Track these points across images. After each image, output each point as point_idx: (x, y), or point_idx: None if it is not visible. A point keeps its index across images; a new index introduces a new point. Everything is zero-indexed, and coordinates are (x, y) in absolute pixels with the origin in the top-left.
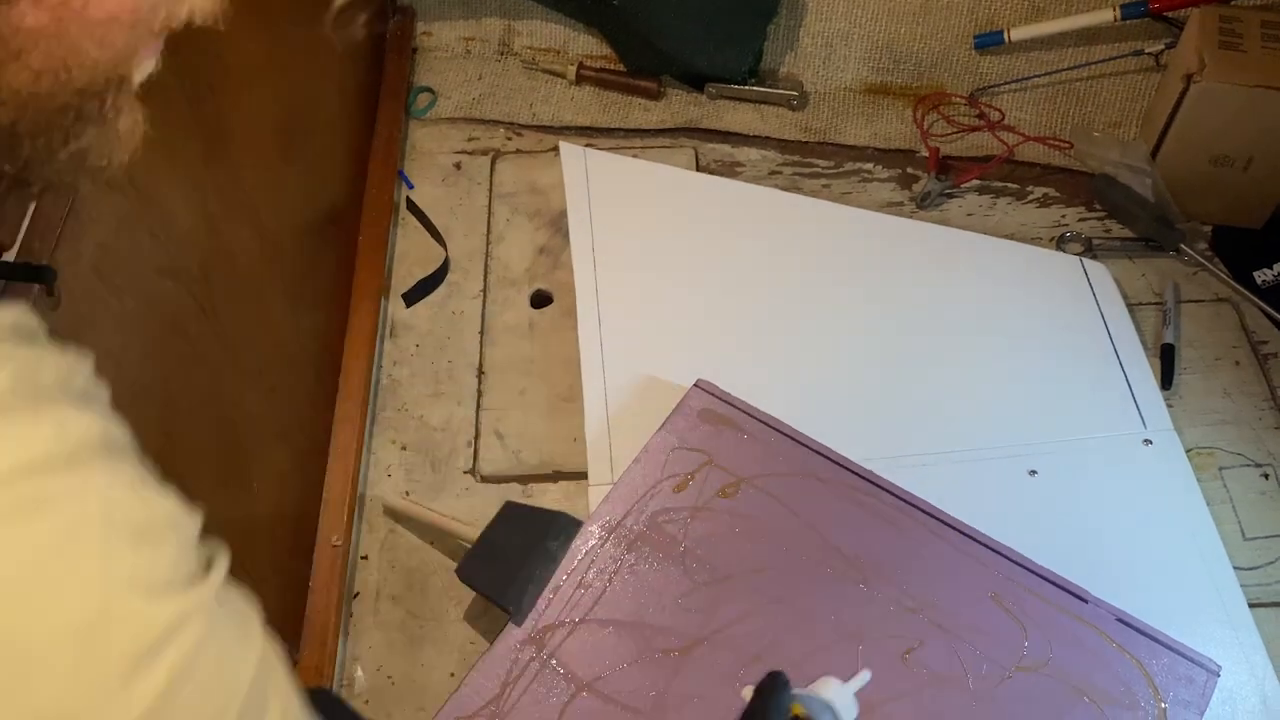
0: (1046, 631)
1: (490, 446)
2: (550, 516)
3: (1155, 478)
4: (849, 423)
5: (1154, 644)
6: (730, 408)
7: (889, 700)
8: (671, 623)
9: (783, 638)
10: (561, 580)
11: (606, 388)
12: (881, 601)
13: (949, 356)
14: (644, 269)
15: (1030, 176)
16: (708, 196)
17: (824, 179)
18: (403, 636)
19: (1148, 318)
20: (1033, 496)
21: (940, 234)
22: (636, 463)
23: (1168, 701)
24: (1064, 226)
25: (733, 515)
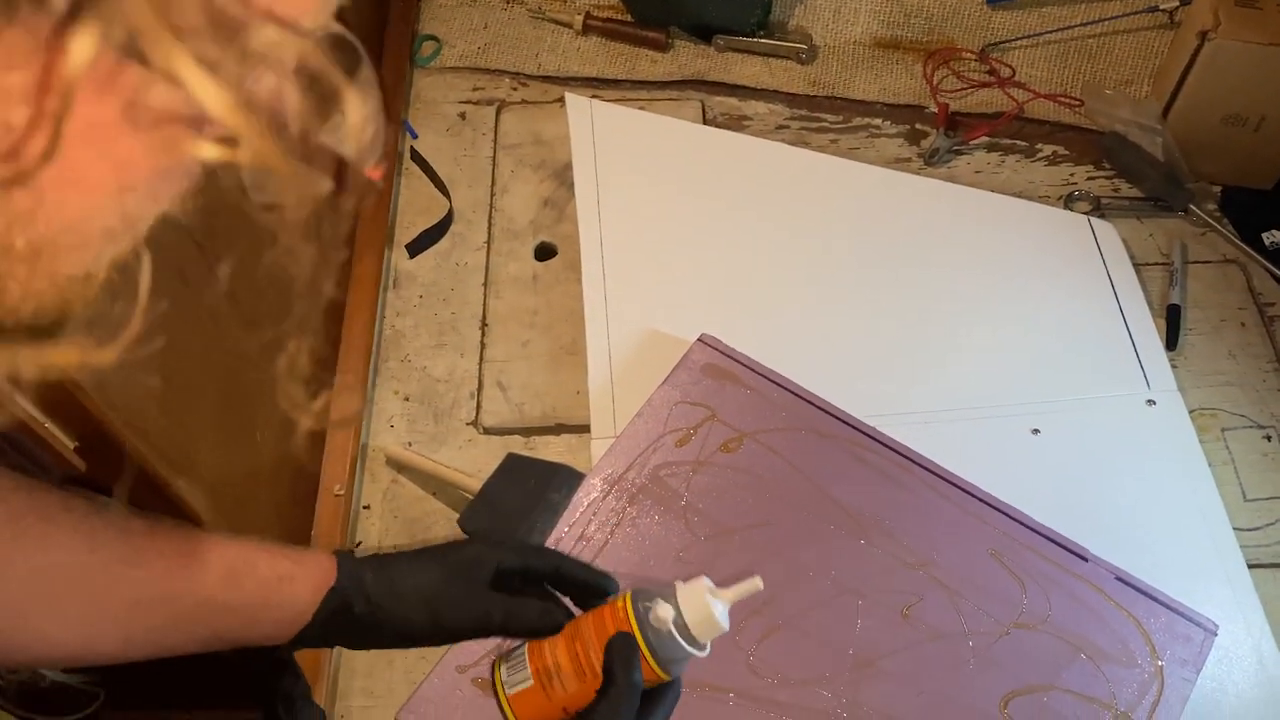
0: (1045, 589)
1: (493, 398)
2: (553, 468)
3: (1158, 438)
4: (852, 379)
5: (1152, 603)
6: (734, 362)
7: (887, 655)
8: (672, 576)
9: (782, 592)
10: (563, 532)
11: (610, 341)
12: (881, 557)
13: (953, 314)
14: (649, 222)
15: (1039, 134)
16: (714, 150)
17: (832, 134)
18: None
19: (1154, 278)
20: (1035, 455)
21: (948, 191)
22: (639, 416)
23: (1165, 659)
24: (1072, 185)
25: (734, 470)
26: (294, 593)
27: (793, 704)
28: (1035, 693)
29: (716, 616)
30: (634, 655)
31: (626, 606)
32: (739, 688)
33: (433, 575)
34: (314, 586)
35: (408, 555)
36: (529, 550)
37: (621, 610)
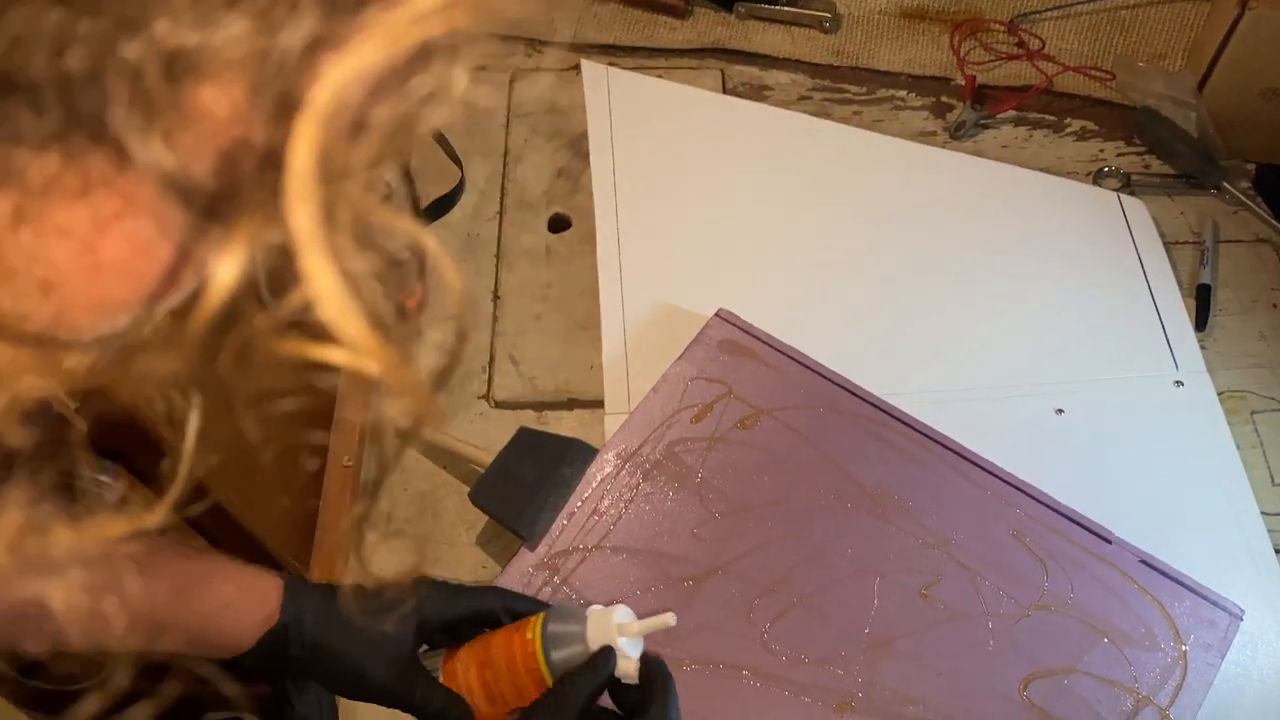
0: (1068, 571)
1: (505, 372)
2: (565, 443)
3: (1185, 420)
4: (872, 356)
5: (1177, 586)
6: (751, 338)
7: (905, 635)
8: (686, 552)
9: (798, 570)
10: (576, 507)
11: (625, 315)
12: (900, 536)
13: (978, 291)
14: (666, 194)
15: (1069, 108)
16: (734, 121)
17: (855, 105)
18: (414, 560)
19: (1184, 257)
20: (1059, 435)
21: (974, 165)
22: (654, 392)
23: (1189, 644)
24: (1102, 161)
25: (751, 447)
26: (235, 624)
27: (808, 682)
28: (1056, 675)
29: (622, 649)
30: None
31: (536, 640)
32: (753, 665)
33: (369, 638)
34: (256, 622)
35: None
36: (469, 596)
37: (531, 644)
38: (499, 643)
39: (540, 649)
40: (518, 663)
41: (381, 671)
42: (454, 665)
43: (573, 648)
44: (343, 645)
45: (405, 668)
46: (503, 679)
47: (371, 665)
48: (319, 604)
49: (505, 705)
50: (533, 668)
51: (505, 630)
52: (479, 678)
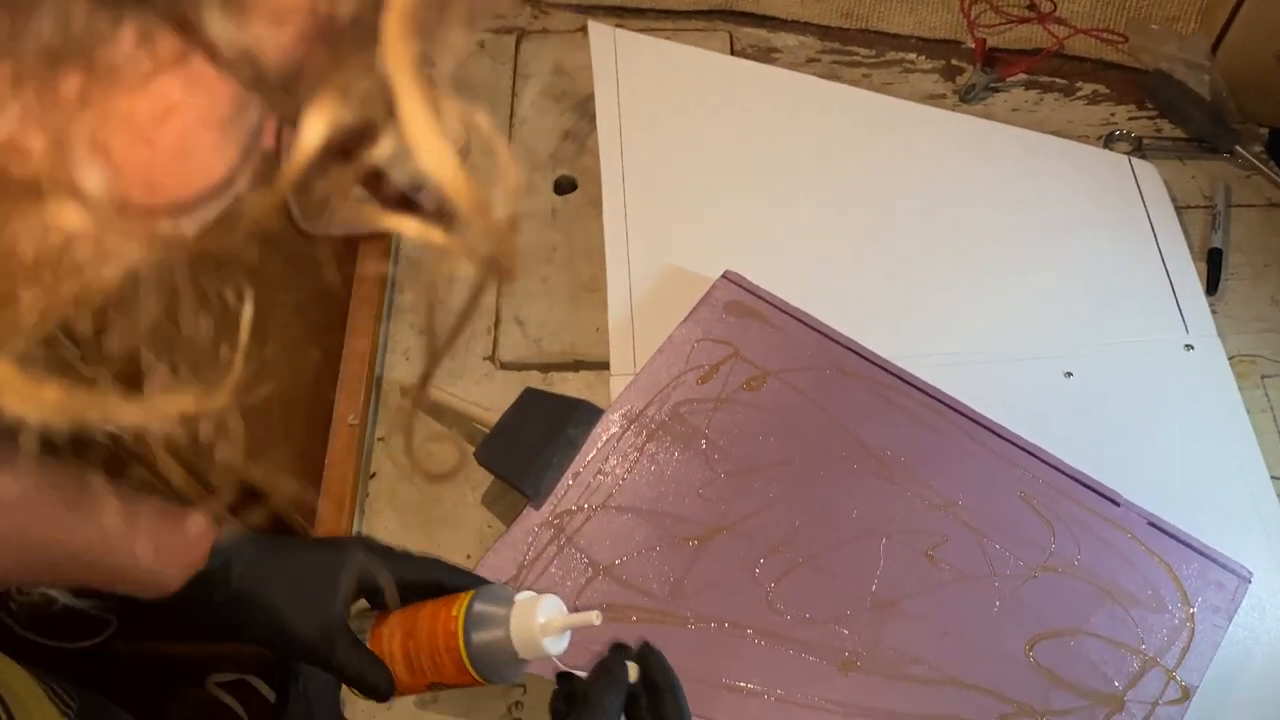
0: (1075, 533)
1: (510, 333)
2: (571, 403)
3: (1195, 383)
4: (880, 319)
5: (1185, 549)
6: (758, 300)
7: (910, 596)
8: (691, 512)
9: (803, 530)
10: (581, 467)
11: (631, 277)
12: (907, 498)
13: (987, 254)
14: (673, 156)
15: (1080, 72)
16: (742, 83)
17: (864, 68)
18: (419, 518)
19: (1196, 221)
20: (1067, 399)
21: (983, 128)
22: (660, 353)
23: (1196, 606)
24: (1113, 125)
25: (757, 408)
26: (163, 566)
27: (812, 641)
28: (1062, 636)
29: (541, 643)
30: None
31: (459, 618)
32: (758, 624)
33: (296, 591)
34: (184, 565)
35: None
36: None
37: (454, 621)
38: (426, 614)
39: (461, 628)
40: (439, 638)
41: (305, 627)
42: (381, 630)
43: (493, 632)
44: (269, 596)
45: (330, 626)
46: (424, 652)
47: (296, 619)
48: (251, 553)
49: (424, 678)
50: (452, 646)
51: (435, 603)
52: (402, 647)
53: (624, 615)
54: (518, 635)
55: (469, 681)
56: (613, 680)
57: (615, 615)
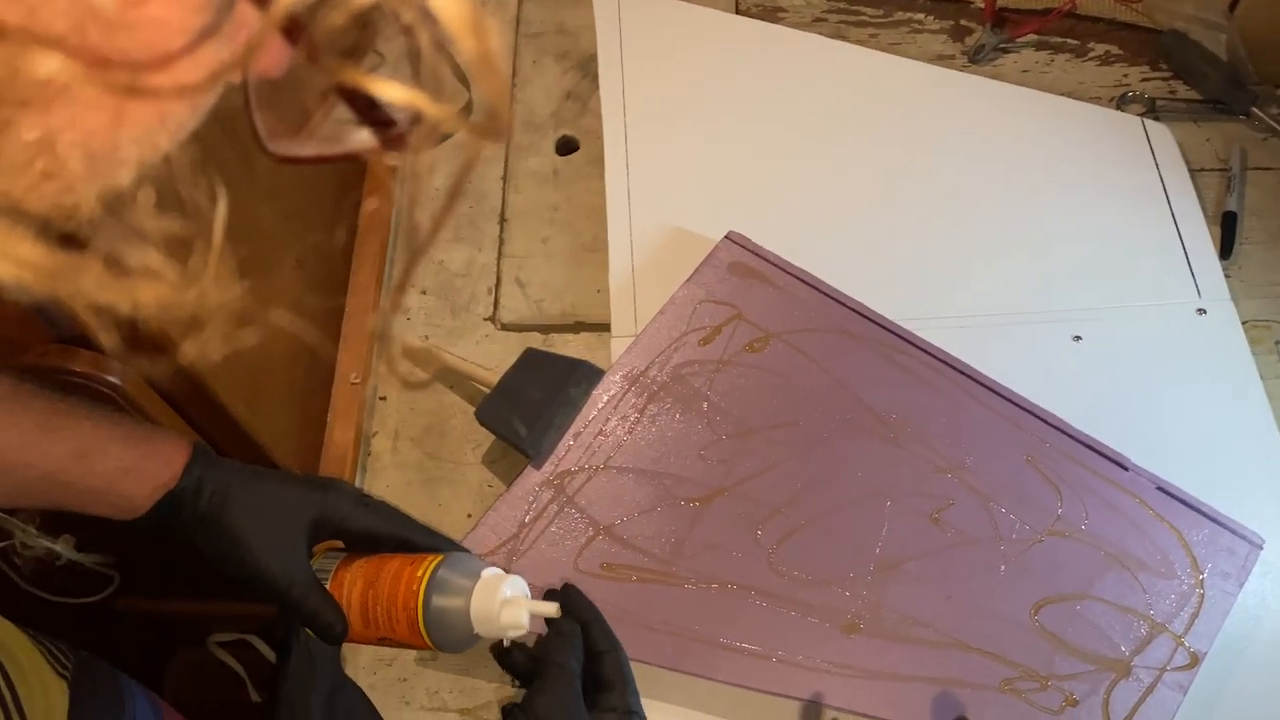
0: (1082, 497)
1: (511, 294)
2: (571, 364)
3: (1207, 348)
4: (887, 281)
5: (1195, 514)
6: (762, 261)
7: (914, 559)
8: (692, 473)
9: (806, 492)
10: (582, 428)
11: (633, 238)
12: (912, 461)
13: (996, 216)
14: (676, 116)
15: (1092, 32)
16: (747, 42)
17: (871, 28)
18: (420, 476)
19: (1210, 184)
20: (1076, 362)
21: (993, 89)
22: (662, 314)
23: (1206, 572)
24: (1125, 86)
25: (760, 370)
26: (134, 487)
27: (815, 603)
28: (1068, 601)
29: (499, 621)
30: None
31: (423, 579)
32: (760, 586)
33: (262, 520)
34: (155, 486)
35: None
36: (379, 515)
37: (417, 581)
38: (391, 569)
39: (423, 589)
40: (399, 596)
41: (266, 556)
42: (344, 575)
43: (453, 600)
44: (234, 521)
45: (291, 560)
46: (381, 605)
47: (258, 548)
48: (223, 476)
49: (376, 631)
50: (410, 606)
51: (402, 559)
52: (361, 595)
53: (624, 575)
54: (477, 609)
55: (420, 644)
56: (567, 639)
57: (615, 575)
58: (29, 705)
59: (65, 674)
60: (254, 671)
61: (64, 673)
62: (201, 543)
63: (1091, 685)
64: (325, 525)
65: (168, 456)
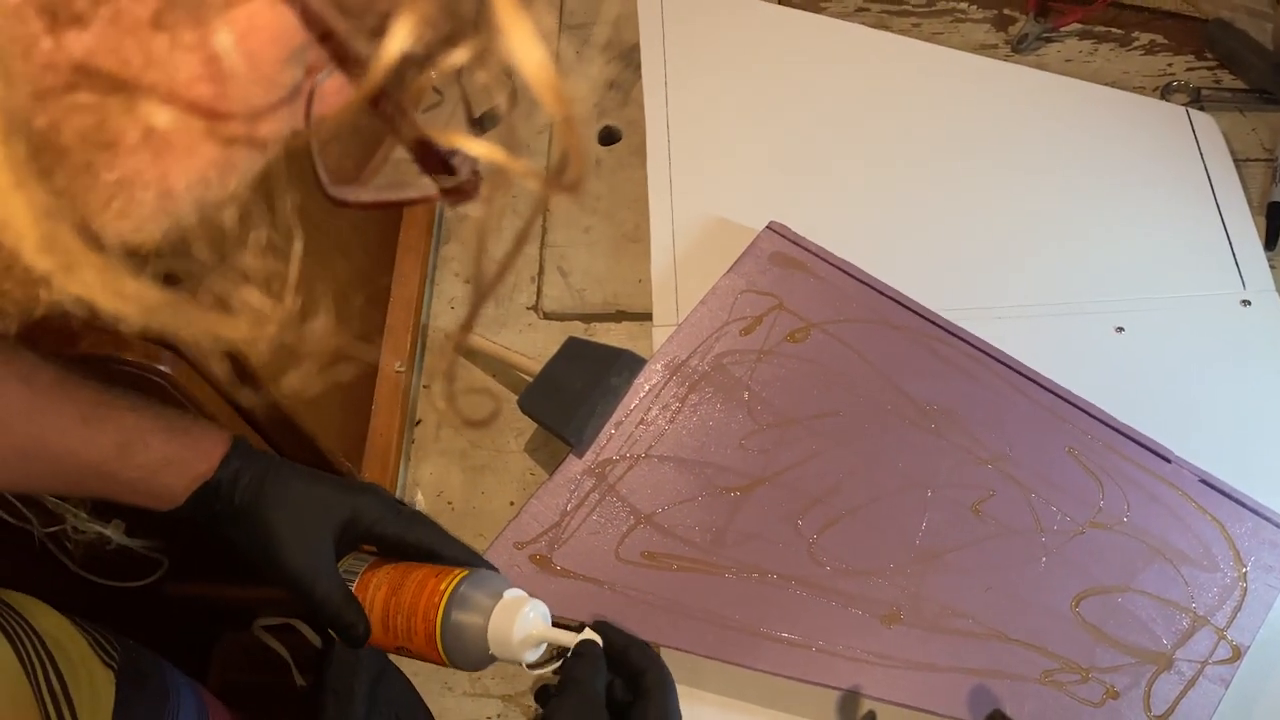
0: (1125, 489)
1: (554, 284)
2: (613, 353)
3: (1252, 339)
4: (928, 272)
5: (1238, 507)
6: (803, 251)
7: (955, 549)
8: (733, 462)
9: (847, 482)
10: (623, 416)
11: (674, 228)
12: (952, 451)
13: (1038, 207)
14: (719, 107)
15: (1136, 21)
16: (789, 32)
17: (914, 18)
18: (463, 464)
19: (1255, 174)
20: (1119, 354)
21: (1036, 79)
22: (703, 304)
23: (1249, 565)
24: (1170, 76)
25: (801, 360)
26: (174, 478)
27: (855, 593)
28: (1109, 593)
29: (514, 644)
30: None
31: (446, 592)
32: (800, 575)
33: (293, 516)
34: (193, 477)
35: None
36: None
37: (439, 594)
38: (417, 578)
39: (444, 602)
40: (420, 606)
41: (294, 551)
42: (370, 578)
43: (473, 617)
44: (266, 514)
45: (317, 558)
46: (402, 613)
47: (286, 542)
48: (260, 470)
49: (395, 639)
50: (430, 617)
51: (429, 569)
52: (384, 601)
53: (665, 564)
54: (495, 629)
55: (435, 657)
56: (590, 659)
57: (656, 564)
58: (77, 696)
59: (112, 664)
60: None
61: (111, 663)
62: (234, 534)
63: (1133, 678)
64: (355, 527)
65: (208, 449)
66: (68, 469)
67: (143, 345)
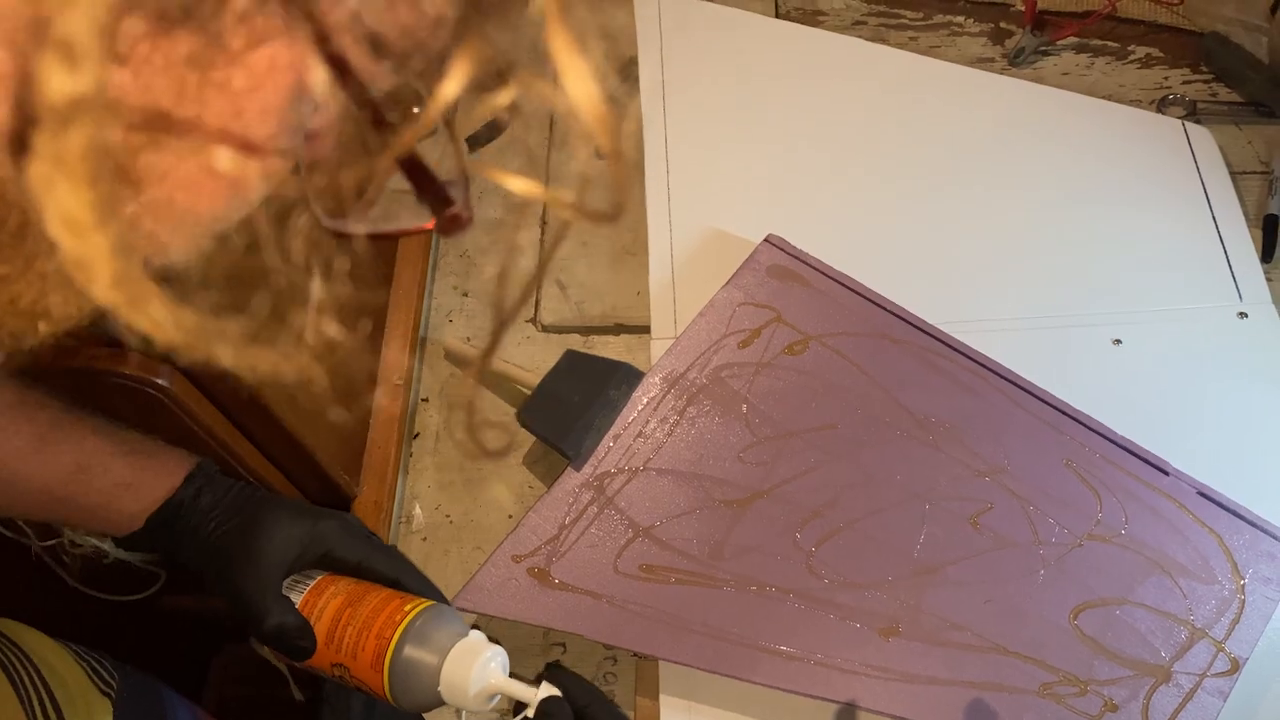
0: (1122, 501)
1: (552, 296)
2: (612, 365)
3: (1248, 351)
4: (926, 285)
5: (1236, 519)
6: (801, 264)
7: (953, 562)
8: (731, 475)
9: (845, 495)
10: (621, 429)
11: (673, 241)
12: (951, 464)
13: (1035, 220)
14: (716, 120)
15: (1133, 35)
16: (787, 46)
17: (911, 31)
18: (461, 477)
19: (1252, 187)
20: (1116, 366)
21: (1033, 92)
22: (701, 316)
23: (1247, 577)
24: (1166, 89)
25: (799, 373)
26: (133, 503)
27: (853, 606)
28: (1108, 605)
29: (468, 690)
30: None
31: (404, 622)
32: (798, 588)
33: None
34: (152, 501)
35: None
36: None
37: (397, 624)
38: (380, 596)
39: (400, 633)
40: (376, 624)
41: (245, 574)
42: (326, 585)
43: (425, 653)
44: (224, 537)
45: (267, 577)
46: (354, 625)
47: (239, 564)
48: (220, 493)
49: (336, 654)
50: (385, 636)
51: (392, 594)
52: (337, 610)
53: (663, 577)
54: (450, 671)
55: (374, 685)
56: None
57: (655, 577)
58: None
59: (110, 692)
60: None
61: (108, 691)
62: (187, 556)
63: (1131, 690)
64: (316, 550)
65: (170, 471)
66: (23, 492)
67: (140, 359)
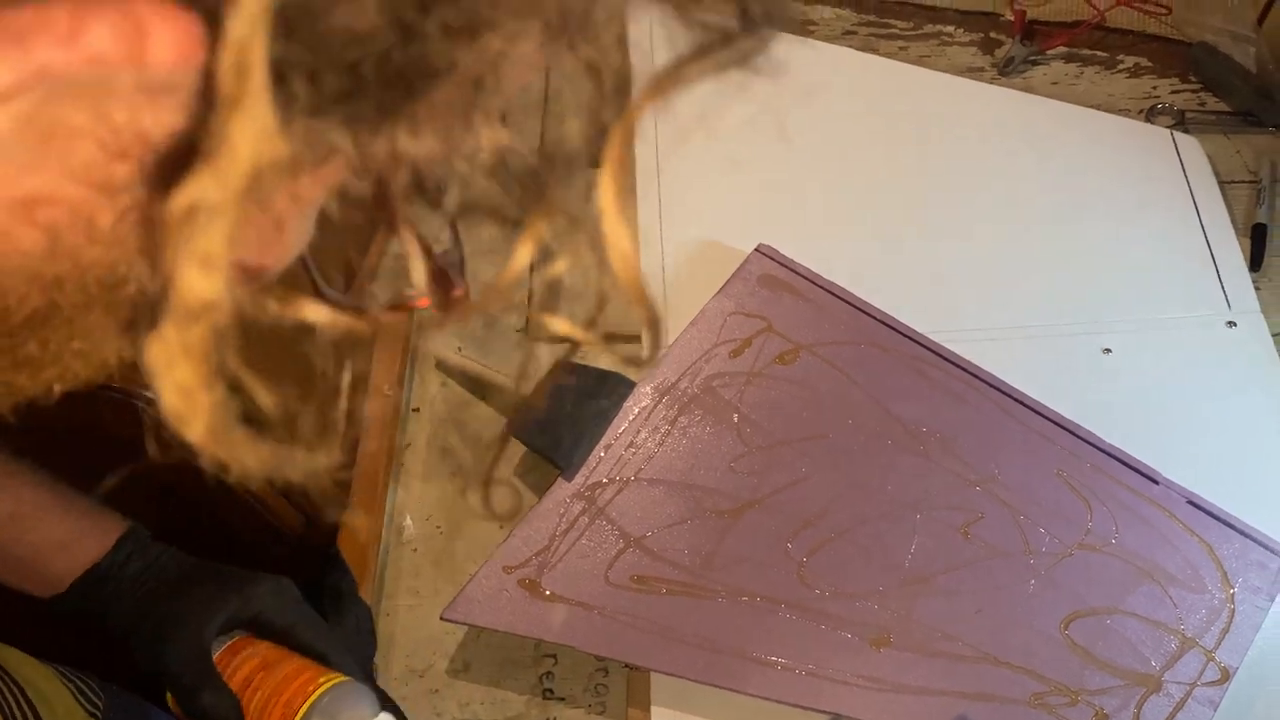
0: (1113, 510)
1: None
2: (603, 375)
3: (1237, 360)
4: (916, 294)
5: (1226, 528)
6: (792, 274)
7: (944, 572)
8: (722, 485)
9: (836, 505)
10: (612, 440)
11: (664, 251)
12: (942, 473)
13: (1025, 229)
14: (707, 130)
15: (1122, 45)
16: (777, 55)
17: (901, 41)
18: (452, 488)
19: (1240, 196)
20: (1106, 375)
21: (1022, 102)
22: (692, 326)
23: (1237, 586)
24: (1155, 99)
25: (790, 382)
26: (62, 564)
27: (844, 616)
28: (1098, 615)
29: None
30: None
31: (314, 695)
32: (789, 599)
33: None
34: (82, 564)
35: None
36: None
37: (306, 695)
38: (292, 666)
39: (308, 705)
40: (283, 696)
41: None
42: (243, 645)
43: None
44: (149, 605)
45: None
46: (261, 693)
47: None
48: (148, 559)
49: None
50: (294, 706)
51: (308, 664)
52: (250, 672)
53: (655, 588)
54: None
55: None
56: None
57: (646, 588)
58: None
59: (96, 713)
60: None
61: (95, 711)
62: (114, 623)
63: (1122, 700)
64: (242, 615)
65: (104, 531)
66: None
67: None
